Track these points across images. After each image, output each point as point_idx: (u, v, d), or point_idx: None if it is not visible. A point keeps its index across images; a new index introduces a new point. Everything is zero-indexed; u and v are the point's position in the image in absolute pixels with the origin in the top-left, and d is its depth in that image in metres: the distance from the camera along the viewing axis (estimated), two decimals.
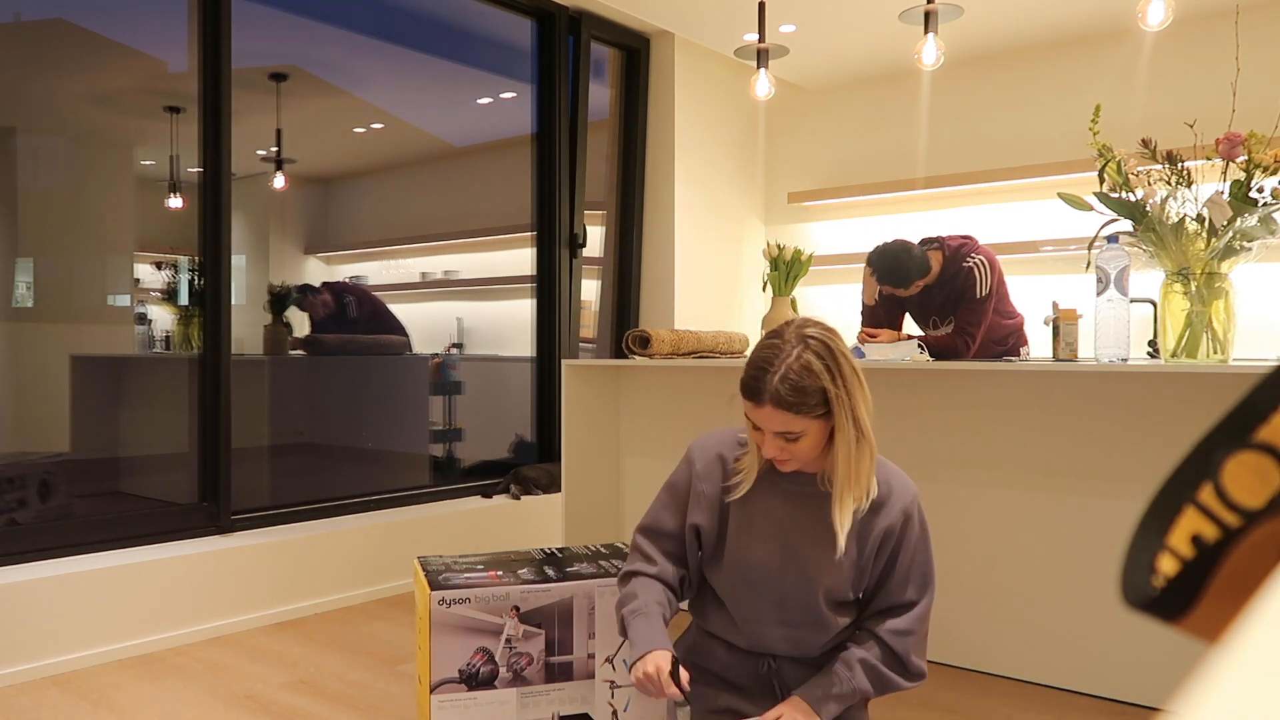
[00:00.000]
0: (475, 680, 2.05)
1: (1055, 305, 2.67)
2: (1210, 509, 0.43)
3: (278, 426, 3.86)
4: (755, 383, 1.59)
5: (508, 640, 2.07)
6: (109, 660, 2.79)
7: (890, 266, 3.26)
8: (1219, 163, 2.40)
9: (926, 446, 2.78)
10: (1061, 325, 2.61)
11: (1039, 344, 3.91)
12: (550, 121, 4.40)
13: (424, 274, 4.67)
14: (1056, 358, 2.60)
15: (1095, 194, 2.54)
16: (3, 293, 3.12)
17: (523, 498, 4.06)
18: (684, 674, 1.66)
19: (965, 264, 3.34)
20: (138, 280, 3.50)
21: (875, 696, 1.71)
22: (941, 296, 3.38)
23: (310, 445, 4.04)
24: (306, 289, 4.04)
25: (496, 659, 2.07)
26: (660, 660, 1.66)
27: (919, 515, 1.74)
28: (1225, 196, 2.33)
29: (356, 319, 4.18)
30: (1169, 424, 2.41)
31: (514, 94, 4.61)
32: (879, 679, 1.69)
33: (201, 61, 3.23)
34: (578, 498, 3.31)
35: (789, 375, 1.56)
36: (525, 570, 2.19)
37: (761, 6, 3.68)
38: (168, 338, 3.56)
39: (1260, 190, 2.33)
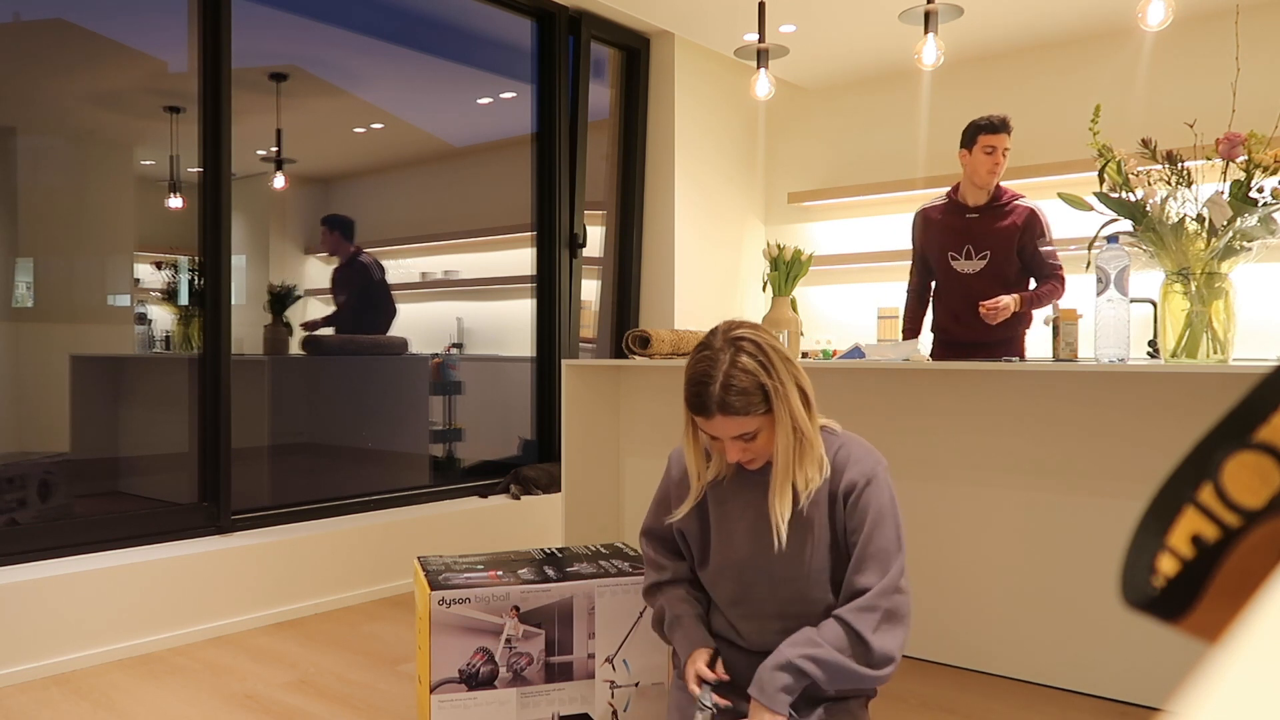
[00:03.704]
0: (475, 680, 2.05)
1: (1055, 305, 2.67)
2: (1210, 509, 0.43)
3: (278, 426, 3.86)
4: (699, 398, 1.64)
5: (508, 640, 2.07)
6: (109, 660, 2.79)
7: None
8: (1219, 163, 2.40)
9: (927, 446, 2.78)
10: (1061, 325, 2.61)
11: (1037, 346, 3.91)
12: (550, 121, 4.40)
13: (424, 274, 4.67)
14: (1056, 358, 2.60)
15: (1095, 194, 2.54)
16: (3, 293, 3.12)
17: (523, 498, 4.06)
18: (719, 665, 1.74)
19: (1027, 204, 3.47)
20: (138, 280, 3.50)
21: (837, 688, 1.64)
22: (986, 224, 3.46)
23: (310, 445, 4.04)
24: (342, 219, 4.14)
25: (496, 659, 2.07)
26: (697, 657, 1.75)
27: (884, 479, 1.70)
28: (1225, 196, 2.33)
29: (355, 280, 4.21)
30: (1169, 424, 2.41)
31: (514, 94, 4.61)
32: (837, 670, 1.61)
33: (201, 61, 3.23)
34: (578, 498, 3.31)
35: (729, 381, 1.61)
36: (525, 570, 2.19)
37: (761, 6, 3.68)
38: (168, 338, 3.56)
39: (1260, 190, 2.33)
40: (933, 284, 3.65)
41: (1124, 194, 2.48)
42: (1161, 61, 4.37)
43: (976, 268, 3.46)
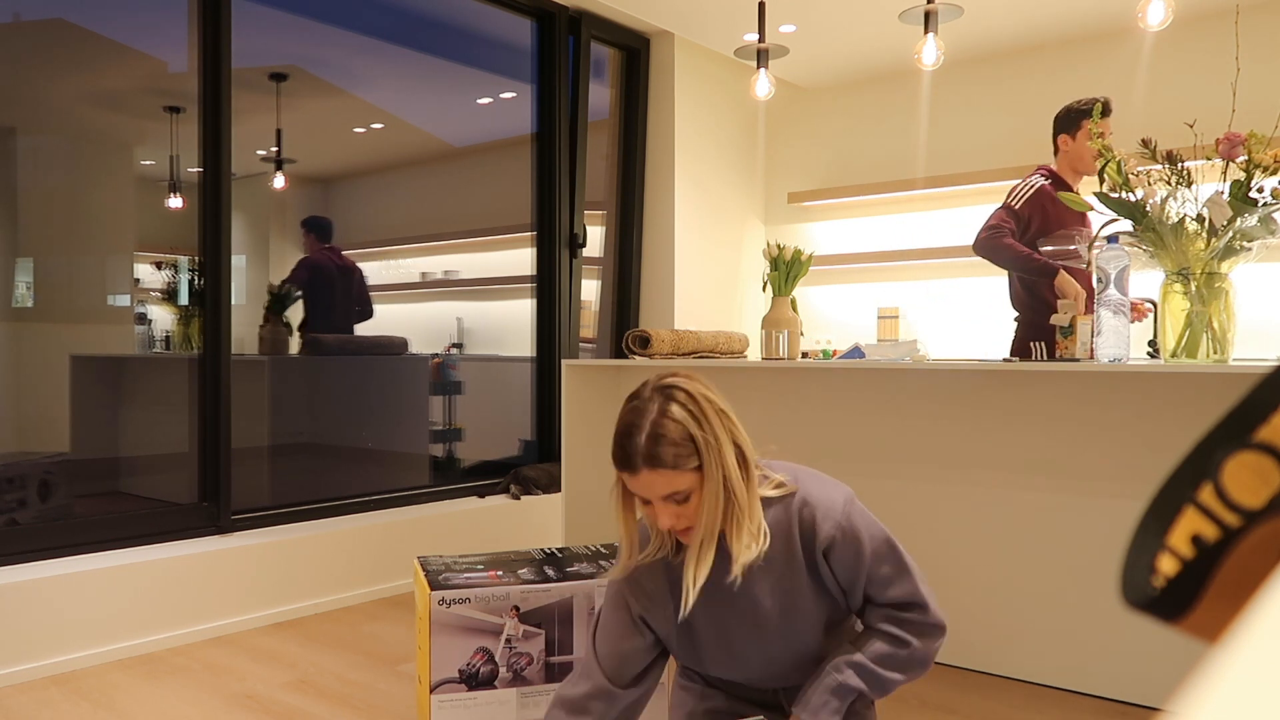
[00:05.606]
0: (475, 680, 2.05)
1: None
2: (1210, 509, 0.43)
3: (278, 426, 3.86)
4: (624, 450, 1.52)
5: (508, 640, 2.07)
6: (109, 660, 2.79)
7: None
8: (1219, 163, 2.40)
9: (926, 446, 2.78)
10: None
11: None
12: (550, 121, 4.40)
13: (424, 274, 4.67)
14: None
15: (1095, 194, 2.54)
16: (3, 293, 3.12)
17: (523, 498, 4.06)
18: None
19: None
20: (138, 280, 3.50)
21: (881, 693, 1.61)
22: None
23: (310, 445, 4.04)
24: (318, 220, 4.15)
25: (496, 659, 2.07)
26: None
27: (857, 519, 1.60)
28: (1225, 196, 2.33)
29: (332, 282, 4.17)
30: (1169, 424, 2.41)
31: (514, 94, 4.61)
32: (875, 679, 1.59)
33: (201, 61, 3.23)
34: (578, 498, 3.31)
35: (657, 431, 1.49)
36: (525, 570, 2.19)
37: (761, 6, 3.68)
38: (168, 338, 3.56)
39: (1260, 190, 2.33)
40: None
41: (1124, 194, 2.48)
42: (1161, 61, 4.37)
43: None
